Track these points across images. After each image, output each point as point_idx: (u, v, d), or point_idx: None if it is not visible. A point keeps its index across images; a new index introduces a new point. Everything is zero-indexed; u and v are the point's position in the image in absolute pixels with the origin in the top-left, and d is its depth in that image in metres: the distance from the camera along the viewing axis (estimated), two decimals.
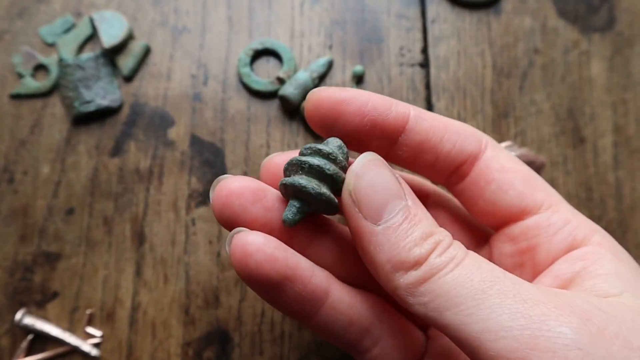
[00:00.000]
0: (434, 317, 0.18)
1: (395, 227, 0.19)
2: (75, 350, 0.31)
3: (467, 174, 0.24)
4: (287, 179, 0.20)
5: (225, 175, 0.21)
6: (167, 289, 0.32)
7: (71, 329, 0.32)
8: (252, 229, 0.21)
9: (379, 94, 0.22)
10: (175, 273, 0.32)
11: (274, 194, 0.21)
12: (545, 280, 0.22)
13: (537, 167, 0.33)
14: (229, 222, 0.21)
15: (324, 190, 0.20)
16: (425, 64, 0.36)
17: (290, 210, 0.20)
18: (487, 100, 0.36)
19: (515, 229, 0.23)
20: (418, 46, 0.37)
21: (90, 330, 0.32)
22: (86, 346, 0.31)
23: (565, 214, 0.22)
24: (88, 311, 0.32)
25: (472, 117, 0.36)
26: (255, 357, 0.31)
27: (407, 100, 0.36)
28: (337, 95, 0.21)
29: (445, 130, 0.23)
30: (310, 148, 0.21)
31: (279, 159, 0.23)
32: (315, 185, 0.20)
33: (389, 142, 0.22)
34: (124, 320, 0.32)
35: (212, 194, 0.21)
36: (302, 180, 0.20)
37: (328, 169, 0.20)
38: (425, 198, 0.26)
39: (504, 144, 0.34)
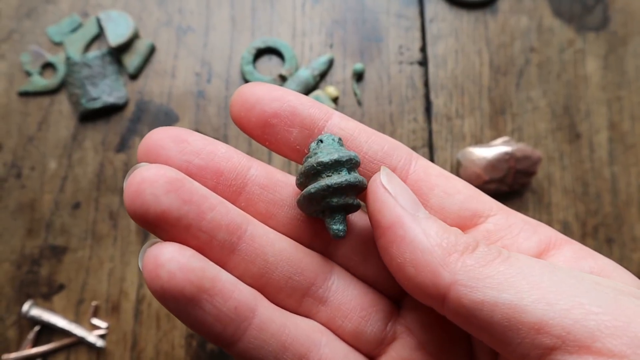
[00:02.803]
0: (507, 301, 0.16)
1: (435, 217, 0.19)
2: (81, 341, 0.32)
3: (404, 181, 0.21)
4: (312, 186, 0.19)
5: (141, 163, 0.19)
6: None
7: (77, 320, 0.32)
8: (166, 224, 0.18)
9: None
10: None
11: (193, 185, 0.19)
12: None
13: (534, 162, 0.34)
14: (139, 214, 0.18)
15: (353, 174, 0.19)
16: (423, 62, 0.37)
17: (336, 220, 0.19)
18: (485, 97, 0.37)
19: (476, 234, 0.21)
20: (417, 45, 0.38)
21: (96, 321, 0.32)
22: (92, 337, 0.32)
23: (518, 215, 0.21)
24: (94, 303, 0.33)
25: (469, 114, 0.36)
26: None
27: (406, 98, 0.36)
28: (259, 84, 0.21)
29: (372, 134, 0.21)
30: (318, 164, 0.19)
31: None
32: (344, 176, 0.18)
33: (309, 136, 0.21)
34: (129, 312, 0.33)
35: (125, 183, 0.18)
36: (330, 179, 0.18)
37: (342, 157, 0.19)
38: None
39: (500, 140, 0.35)
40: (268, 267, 0.20)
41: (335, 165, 0.18)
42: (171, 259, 0.17)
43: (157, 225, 0.18)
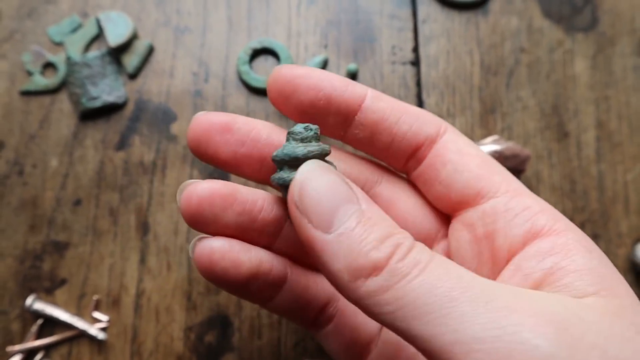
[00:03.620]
0: (402, 328, 0.16)
1: (348, 233, 0.17)
2: (83, 334, 0.33)
3: (425, 157, 0.23)
4: (277, 155, 0.20)
5: (191, 180, 0.21)
6: (170, 276, 0.34)
7: (79, 314, 0.33)
8: (223, 233, 0.21)
9: (338, 75, 0.22)
10: (178, 261, 0.34)
11: (243, 196, 0.21)
12: (515, 280, 0.20)
13: (523, 160, 0.35)
14: (201, 228, 0.21)
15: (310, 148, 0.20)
16: (416, 62, 0.38)
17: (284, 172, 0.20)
18: (475, 96, 0.38)
19: (473, 214, 0.22)
20: (409, 45, 0.39)
21: (97, 315, 0.33)
22: (93, 330, 0.33)
23: (524, 199, 0.21)
24: (95, 297, 0.34)
25: (460, 113, 0.37)
26: (254, 340, 0.33)
27: (399, 97, 0.37)
28: (294, 71, 0.22)
29: (403, 112, 0.23)
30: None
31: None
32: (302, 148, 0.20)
33: (344, 120, 0.22)
34: (129, 305, 0.34)
35: (180, 200, 0.21)
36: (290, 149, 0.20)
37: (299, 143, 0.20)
38: (375, 184, 0.25)
39: (490, 138, 0.36)
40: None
41: (285, 163, 0.20)
42: (223, 257, 0.21)
43: (215, 233, 0.22)
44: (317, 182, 0.18)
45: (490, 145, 0.35)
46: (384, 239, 0.17)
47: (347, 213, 0.18)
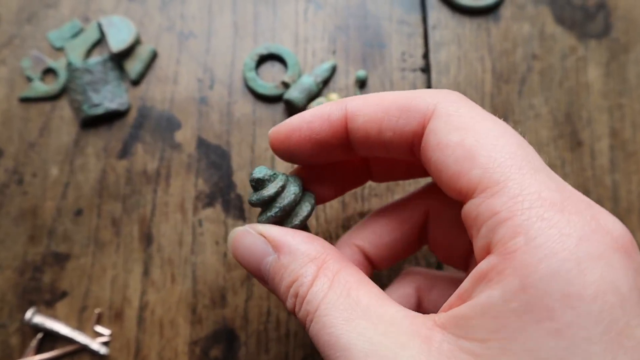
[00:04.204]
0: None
1: (271, 280, 0.22)
2: (84, 348, 0.32)
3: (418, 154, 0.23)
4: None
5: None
6: (174, 289, 0.33)
7: (80, 327, 0.32)
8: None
9: (314, 109, 0.23)
10: (183, 273, 0.33)
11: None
12: (451, 300, 0.19)
13: None
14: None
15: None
16: (426, 69, 0.37)
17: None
18: (487, 104, 0.37)
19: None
20: (419, 51, 0.38)
21: (99, 329, 0.32)
22: (95, 344, 0.32)
23: (497, 200, 0.17)
24: (96, 310, 0.33)
25: None
26: (261, 355, 0.32)
27: None
28: (280, 132, 0.23)
29: (382, 115, 0.21)
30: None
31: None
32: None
33: (344, 148, 0.23)
34: (132, 319, 0.33)
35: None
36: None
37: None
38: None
39: None
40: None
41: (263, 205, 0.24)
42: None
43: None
44: (240, 247, 0.23)
45: None
46: (290, 284, 0.21)
47: (267, 266, 0.22)
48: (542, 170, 0.17)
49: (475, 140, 0.18)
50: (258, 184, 0.24)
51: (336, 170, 0.26)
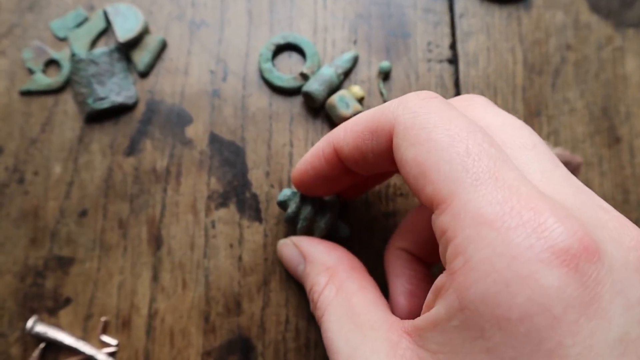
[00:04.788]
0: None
1: (303, 285, 0.27)
2: (90, 359, 0.30)
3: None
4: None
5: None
6: (185, 295, 0.31)
7: (85, 337, 0.30)
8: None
9: (311, 151, 0.26)
10: (195, 278, 0.31)
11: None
12: (423, 308, 0.20)
13: (575, 168, 0.32)
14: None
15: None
16: (453, 60, 0.35)
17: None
18: (519, 98, 0.35)
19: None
20: (446, 41, 0.35)
21: (105, 338, 0.30)
22: (101, 355, 0.30)
23: (444, 218, 0.17)
24: (103, 318, 0.30)
25: None
26: None
27: None
28: (295, 177, 0.28)
29: (360, 142, 0.22)
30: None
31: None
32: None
33: (350, 174, 0.25)
34: (140, 328, 0.30)
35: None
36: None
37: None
38: None
39: None
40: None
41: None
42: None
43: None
44: (283, 254, 0.30)
45: None
46: (310, 287, 0.25)
47: (299, 270, 0.28)
48: (488, 179, 0.16)
49: (427, 154, 0.18)
50: (282, 206, 0.30)
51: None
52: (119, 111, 0.33)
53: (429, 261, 0.27)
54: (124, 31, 0.33)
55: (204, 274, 0.31)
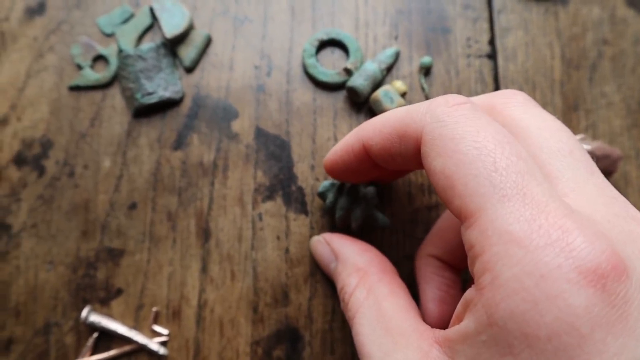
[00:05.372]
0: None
1: (335, 282, 0.28)
2: (142, 348, 0.30)
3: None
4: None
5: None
6: (234, 286, 0.31)
7: (137, 326, 0.31)
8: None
9: (340, 144, 0.26)
10: (243, 270, 0.32)
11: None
12: (452, 319, 0.20)
13: (614, 161, 0.32)
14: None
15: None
16: (492, 55, 0.35)
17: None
18: (557, 92, 0.35)
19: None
20: (485, 37, 0.36)
21: (157, 328, 0.31)
22: (153, 345, 0.30)
23: (472, 232, 0.17)
24: (154, 309, 0.31)
25: None
26: (327, 356, 0.31)
27: (476, 93, 0.35)
28: (326, 165, 0.28)
29: (388, 143, 0.22)
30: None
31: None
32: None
33: (379, 168, 0.25)
34: (190, 318, 0.31)
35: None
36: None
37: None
38: None
39: (577, 137, 0.33)
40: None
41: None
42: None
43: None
44: (316, 251, 0.30)
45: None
46: (341, 287, 0.26)
47: (330, 267, 0.28)
48: (516, 195, 0.16)
49: (454, 167, 0.18)
50: (321, 197, 0.31)
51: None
52: (166, 106, 0.34)
53: (459, 267, 0.27)
54: (170, 27, 0.33)
55: (252, 266, 0.32)
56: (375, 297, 0.23)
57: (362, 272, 0.25)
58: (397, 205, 0.32)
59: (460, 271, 0.27)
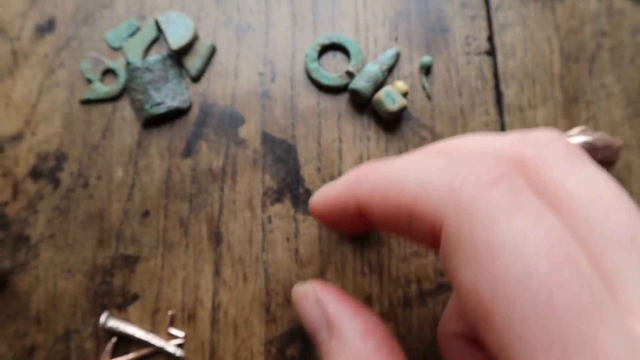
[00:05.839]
0: None
1: (325, 355, 0.21)
2: (160, 351, 0.31)
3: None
4: None
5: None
6: (246, 288, 0.32)
7: (153, 330, 0.32)
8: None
9: (330, 198, 0.22)
10: (255, 271, 0.32)
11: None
12: None
13: (615, 151, 0.33)
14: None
15: None
16: (491, 52, 0.36)
17: None
18: (557, 85, 0.36)
19: None
20: (484, 34, 0.36)
21: (173, 331, 0.32)
22: (170, 347, 0.31)
23: None
24: (169, 312, 0.32)
25: (542, 104, 0.35)
26: None
27: (476, 90, 0.35)
28: (313, 213, 0.24)
29: (393, 219, 0.18)
30: None
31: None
32: None
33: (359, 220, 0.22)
34: (205, 320, 0.32)
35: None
36: None
37: None
38: None
39: (577, 129, 0.34)
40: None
41: None
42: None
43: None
44: (300, 307, 0.23)
45: (579, 136, 0.33)
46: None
47: (319, 337, 0.21)
48: (581, 350, 0.12)
49: (491, 289, 0.13)
50: None
51: None
52: (175, 115, 0.35)
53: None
54: (176, 39, 0.34)
55: (263, 267, 0.32)
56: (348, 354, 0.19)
57: None
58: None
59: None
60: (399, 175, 0.17)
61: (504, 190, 0.14)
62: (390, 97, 0.33)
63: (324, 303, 0.21)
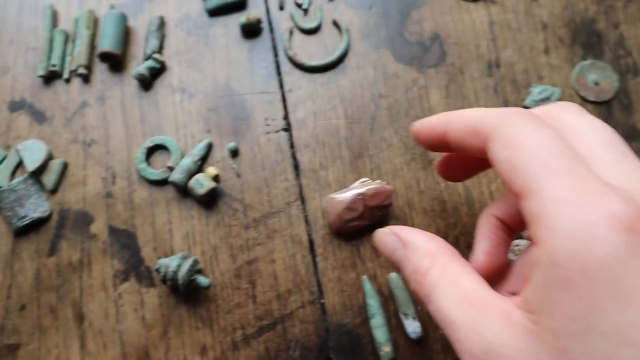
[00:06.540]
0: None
1: (400, 267, 0.29)
2: None
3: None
4: None
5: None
6: (107, 355, 0.40)
7: None
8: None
9: (430, 119, 0.31)
10: (112, 340, 0.40)
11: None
12: (514, 281, 0.27)
13: (386, 196, 0.40)
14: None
15: None
16: (287, 128, 0.44)
17: None
18: (344, 146, 0.43)
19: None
20: (280, 114, 0.44)
21: None
22: None
23: (532, 204, 0.22)
24: None
25: (332, 164, 0.43)
26: None
27: (276, 161, 0.43)
28: (413, 134, 0.32)
29: (463, 135, 0.27)
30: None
31: None
32: None
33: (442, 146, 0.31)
34: None
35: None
36: None
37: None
38: None
39: (358, 182, 0.41)
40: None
41: None
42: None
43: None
44: (378, 241, 0.31)
45: (355, 189, 0.40)
46: (414, 269, 0.27)
47: (397, 256, 0.29)
48: (566, 174, 0.21)
49: (519, 155, 0.23)
50: (157, 271, 0.40)
51: (464, 161, 0.34)
52: (39, 223, 0.43)
53: (514, 229, 0.31)
54: (31, 162, 0.43)
55: (119, 336, 0.40)
56: (450, 274, 0.25)
57: (433, 256, 0.27)
58: (223, 265, 0.41)
59: (513, 234, 0.31)
60: (470, 113, 0.27)
61: (527, 116, 0.25)
62: (199, 183, 0.41)
63: (397, 232, 0.29)
